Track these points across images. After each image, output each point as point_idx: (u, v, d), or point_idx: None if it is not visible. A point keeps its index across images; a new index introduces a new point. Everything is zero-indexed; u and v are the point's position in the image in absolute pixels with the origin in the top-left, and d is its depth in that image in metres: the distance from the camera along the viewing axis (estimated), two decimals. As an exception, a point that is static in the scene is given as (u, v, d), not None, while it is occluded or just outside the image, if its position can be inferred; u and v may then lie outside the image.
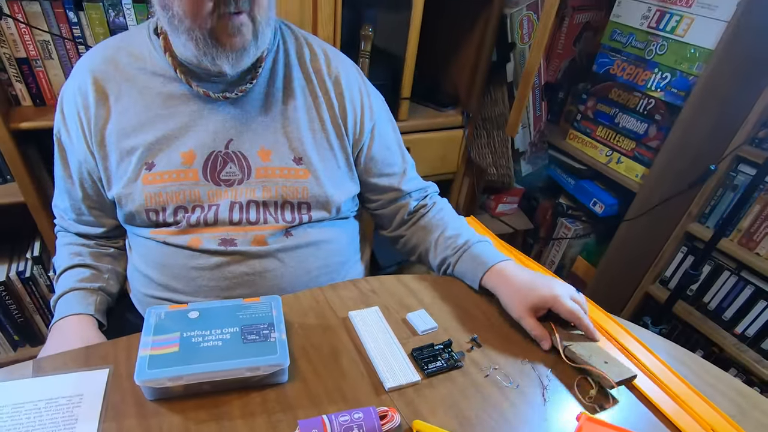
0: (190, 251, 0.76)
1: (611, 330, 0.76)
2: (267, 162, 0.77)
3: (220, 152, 0.75)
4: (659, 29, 1.28)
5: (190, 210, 0.76)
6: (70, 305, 0.79)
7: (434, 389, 0.64)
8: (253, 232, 0.77)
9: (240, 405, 0.60)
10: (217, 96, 0.74)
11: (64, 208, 0.85)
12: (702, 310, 1.53)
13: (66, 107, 0.76)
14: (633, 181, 1.42)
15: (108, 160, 0.75)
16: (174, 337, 0.62)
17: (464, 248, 0.83)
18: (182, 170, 0.74)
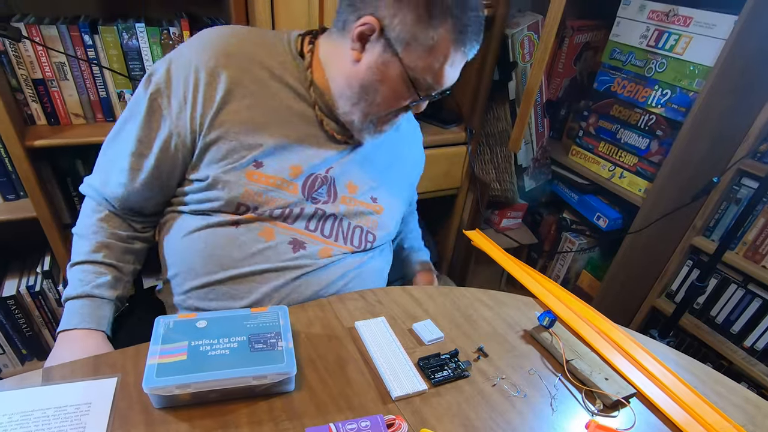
0: (257, 241, 0.77)
1: (619, 340, 0.76)
2: (352, 194, 0.85)
3: (319, 174, 0.81)
4: (658, 48, 1.30)
5: (277, 209, 0.78)
6: (83, 317, 0.76)
7: (441, 398, 0.64)
8: (324, 244, 0.81)
9: (247, 413, 0.60)
10: (339, 138, 0.82)
11: (121, 168, 0.79)
12: (710, 323, 1.52)
13: (178, 75, 0.74)
14: (636, 195, 1.43)
15: (219, 144, 0.75)
16: (182, 345, 0.63)
17: None
18: (286, 180, 0.78)
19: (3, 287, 1.33)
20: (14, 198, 1.24)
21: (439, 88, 0.75)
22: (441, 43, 0.69)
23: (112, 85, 1.21)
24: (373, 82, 0.73)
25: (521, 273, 0.90)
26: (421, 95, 0.75)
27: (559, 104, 1.71)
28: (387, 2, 0.68)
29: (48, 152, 1.20)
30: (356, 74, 0.74)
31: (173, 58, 0.76)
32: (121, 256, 0.83)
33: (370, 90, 0.74)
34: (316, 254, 0.80)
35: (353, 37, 0.72)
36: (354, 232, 0.85)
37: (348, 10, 0.73)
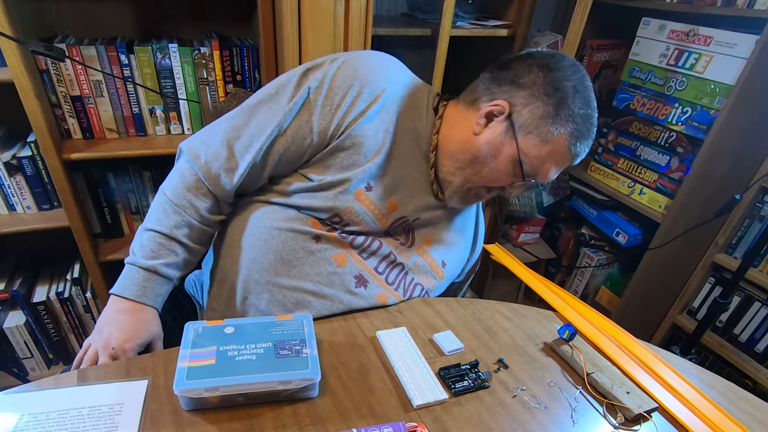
0: (328, 263, 0.81)
1: (640, 354, 0.76)
2: (427, 247, 0.89)
3: (407, 220, 0.86)
4: (678, 66, 1.31)
5: (359, 236, 0.82)
6: (145, 291, 0.76)
7: (462, 407, 0.65)
8: (383, 290, 0.84)
9: (272, 417, 0.62)
10: (441, 196, 0.87)
11: (246, 145, 0.79)
12: (733, 341, 1.49)
13: (342, 80, 0.78)
14: (656, 211, 1.43)
15: (346, 150, 0.79)
16: (211, 350, 0.65)
17: None
18: (382, 213, 0.82)
19: (34, 293, 1.38)
20: (49, 208, 1.29)
21: (539, 180, 0.80)
22: (558, 141, 0.75)
23: (144, 102, 1.26)
24: (487, 156, 0.79)
25: (541, 287, 0.91)
26: (524, 180, 0.79)
27: (577, 121, 1.72)
28: (523, 94, 0.76)
29: (82, 165, 1.25)
30: (473, 144, 0.80)
31: (344, 63, 0.79)
32: (198, 239, 0.82)
33: (481, 161, 0.80)
34: (374, 297, 0.83)
35: (482, 113, 0.79)
36: (414, 288, 0.87)
37: (484, 92, 0.81)
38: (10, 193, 1.24)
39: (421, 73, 1.32)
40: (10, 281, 1.36)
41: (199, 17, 1.34)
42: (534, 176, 0.80)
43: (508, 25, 1.34)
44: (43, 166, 1.21)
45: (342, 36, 1.15)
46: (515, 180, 0.80)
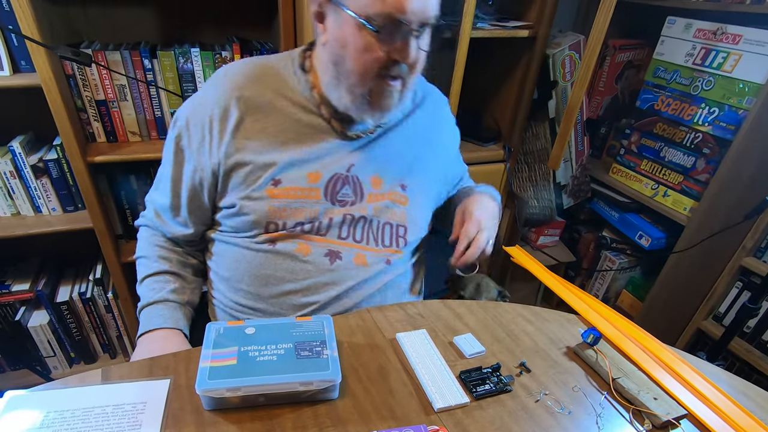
0: (293, 262, 0.81)
1: (667, 360, 0.74)
2: (377, 189, 0.84)
3: (341, 175, 0.82)
4: (705, 66, 1.28)
5: (307, 223, 0.81)
6: (163, 318, 0.82)
7: (484, 411, 0.64)
8: (357, 250, 0.83)
9: (292, 418, 0.62)
10: (351, 134, 0.82)
11: (163, 205, 0.88)
12: (762, 348, 1.45)
13: (195, 115, 0.81)
14: (681, 214, 1.39)
15: (237, 171, 0.80)
16: (232, 350, 0.65)
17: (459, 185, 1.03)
18: (306, 188, 0.80)
19: (57, 293, 1.41)
20: (73, 210, 1.32)
21: (402, 16, 0.66)
22: None
23: (166, 105, 1.28)
24: (339, 51, 0.72)
25: (562, 289, 0.89)
26: (382, 33, 0.68)
27: (599, 123, 1.70)
28: None
29: (105, 167, 1.27)
30: (326, 55, 0.74)
31: (192, 101, 0.83)
32: (182, 268, 0.90)
33: (340, 61, 0.72)
34: (351, 263, 0.82)
35: (315, 23, 0.75)
36: (384, 230, 0.85)
37: (311, 7, 0.74)
38: (36, 195, 1.27)
39: (441, 75, 1.32)
40: (35, 281, 1.39)
41: (220, 22, 1.36)
42: (391, 19, 0.67)
43: (529, 26, 1.33)
44: (68, 168, 1.24)
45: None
46: (382, 45, 0.68)
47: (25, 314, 1.38)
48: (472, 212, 0.86)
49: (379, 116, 0.79)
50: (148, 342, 0.80)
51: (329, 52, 0.74)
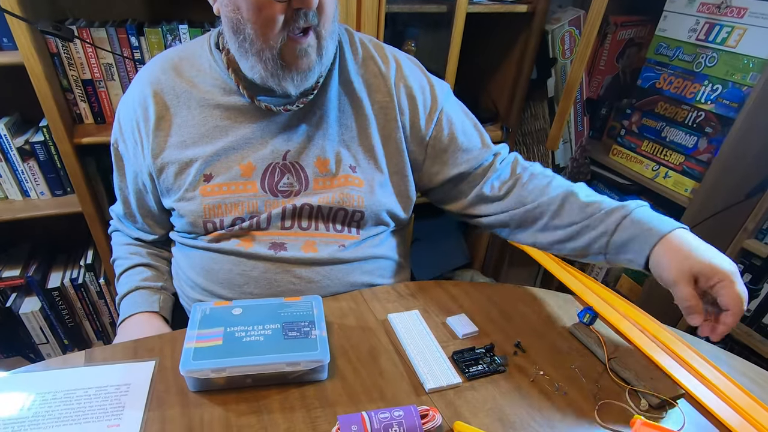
0: (238, 257, 0.77)
1: (665, 340, 0.72)
2: (325, 172, 0.77)
3: (278, 164, 0.76)
4: (709, 41, 1.25)
5: (248, 220, 0.76)
6: (137, 304, 0.81)
7: (476, 392, 0.62)
8: (305, 238, 0.78)
9: (280, 399, 0.60)
10: (278, 109, 0.74)
11: (119, 214, 0.89)
12: (762, 332, 1.43)
13: (124, 118, 0.79)
14: (682, 195, 1.37)
15: (166, 171, 0.76)
16: (218, 331, 0.64)
17: (622, 214, 0.70)
18: (241, 182, 0.75)
19: (49, 279, 1.39)
20: (62, 194, 1.29)
21: None
22: None
23: (155, 85, 1.25)
24: (234, 16, 0.65)
25: (561, 270, 0.87)
26: None
27: (600, 103, 1.66)
28: None
29: (93, 150, 1.25)
30: (226, 24, 0.67)
31: (121, 104, 0.80)
32: (155, 259, 0.89)
33: (239, 27, 0.65)
34: (300, 251, 0.77)
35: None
36: (336, 215, 0.78)
37: None
38: (24, 179, 1.24)
39: (437, 52, 1.28)
40: (26, 267, 1.37)
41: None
42: None
43: (527, 1, 1.29)
44: (56, 151, 1.21)
45: (355, 14, 1.12)
46: None
47: (16, 301, 1.36)
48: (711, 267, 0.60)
49: (299, 80, 0.69)
50: (124, 329, 0.79)
51: (226, 19, 0.66)
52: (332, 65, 0.77)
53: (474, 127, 0.85)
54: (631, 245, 0.68)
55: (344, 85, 0.78)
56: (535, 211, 0.79)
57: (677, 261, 0.62)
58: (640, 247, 0.67)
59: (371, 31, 1.14)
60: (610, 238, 0.71)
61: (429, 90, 0.82)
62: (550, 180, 0.81)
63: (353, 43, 0.80)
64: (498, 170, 0.83)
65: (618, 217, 0.70)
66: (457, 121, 0.83)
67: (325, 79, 0.76)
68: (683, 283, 0.61)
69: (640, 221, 0.68)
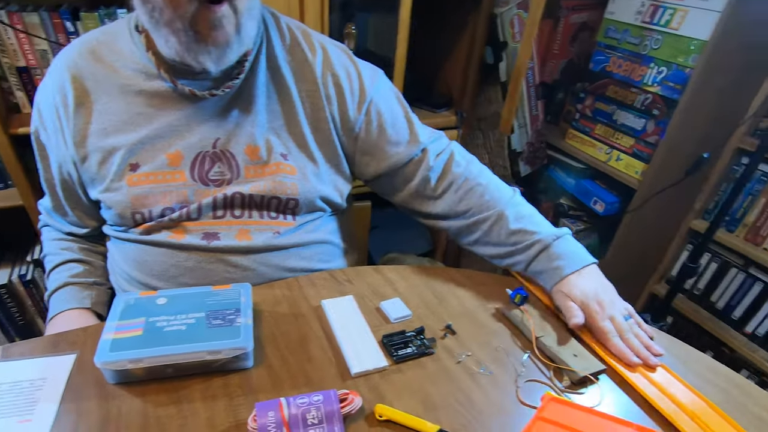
0: (170, 249, 0.75)
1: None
2: (256, 160, 0.75)
3: (207, 152, 0.73)
4: (653, 23, 1.26)
5: (177, 210, 0.74)
6: (65, 300, 0.79)
7: (402, 375, 0.62)
8: (238, 226, 0.76)
9: (201, 389, 0.59)
10: (203, 94, 0.71)
11: (47, 208, 0.86)
12: (710, 309, 1.48)
13: (43, 106, 0.75)
14: (633, 177, 1.39)
15: (89, 160, 0.73)
16: (139, 321, 0.62)
17: (539, 249, 0.76)
18: (169, 172, 0.73)
19: (-4, 276, 1.34)
20: (3, 187, 1.25)
21: None
22: None
23: (96, 72, 1.21)
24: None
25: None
26: None
27: (555, 87, 1.67)
28: None
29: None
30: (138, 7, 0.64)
31: (39, 91, 0.77)
32: (87, 254, 0.86)
33: (151, 4, 0.62)
34: (233, 239, 0.75)
35: None
36: (269, 203, 0.77)
37: None
38: (-39, 172, 1.20)
39: (386, 34, 1.27)
40: (-30, 264, 1.33)
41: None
42: None
43: (476, -16, 1.28)
44: (-7, 142, 1.17)
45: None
46: None
47: (-39, 298, 1.31)
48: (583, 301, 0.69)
49: (217, 55, 0.66)
50: (54, 326, 0.77)
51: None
52: (259, 50, 0.75)
53: (404, 117, 0.84)
54: (541, 277, 0.77)
55: (272, 72, 0.76)
56: (470, 228, 0.83)
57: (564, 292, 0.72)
58: (545, 281, 0.76)
59: (315, 14, 1.11)
60: (527, 267, 0.78)
61: (357, 79, 0.80)
62: (483, 191, 0.82)
63: (280, 29, 0.78)
64: (432, 167, 0.82)
65: (536, 250, 0.76)
66: (387, 112, 0.82)
67: (252, 65, 0.74)
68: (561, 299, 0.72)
69: (552, 257, 0.75)
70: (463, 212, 0.82)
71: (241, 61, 0.72)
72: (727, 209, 1.09)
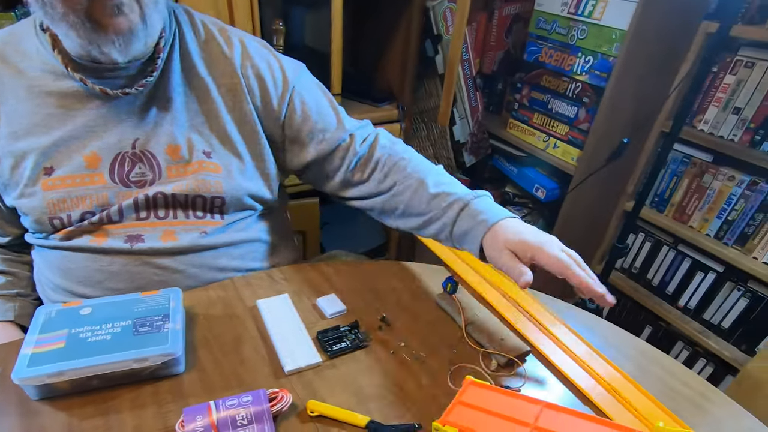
0: (93, 254, 0.73)
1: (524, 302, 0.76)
2: (177, 159, 0.74)
3: (127, 153, 0.71)
4: (578, 14, 1.31)
5: (98, 213, 0.72)
6: None
7: (336, 370, 0.63)
8: (163, 227, 0.74)
9: (130, 398, 0.58)
10: (115, 93, 0.69)
11: None
12: (647, 286, 1.56)
13: None
14: (569, 164, 1.45)
15: (0, 165, 0.70)
16: (61, 334, 0.61)
17: (460, 206, 0.73)
18: (87, 174, 0.70)
19: None
20: None
21: None
22: None
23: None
24: None
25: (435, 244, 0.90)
26: None
27: (495, 78, 1.72)
28: None
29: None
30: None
31: None
32: (10, 265, 0.82)
33: None
34: (158, 241, 0.74)
35: None
36: (194, 202, 0.75)
37: None
38: None
39: (320, 33, 1.26)
40: None
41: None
42: None
43: (408, -22, 1.29)
44: None
45: (227, -7, 1.07)
46: None
47: None
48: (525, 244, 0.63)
49: (122, 44, 0.63)
50: None
51: None
52: (172, 47, 0.73)
53: (330, 106, 0.84)
54: (468, 237, 0.71)
55: (187, 69, 0.74)
56: (392, 201, 0.80)
57: (499, 242, 0.65)
58: (474, 238, 0.69)
59: (245, 10, 1.10)
60: (452, 230, 0.73)
61: (279, 69, 0.80)
62: (406, 165, 0.81)
63: (194, 25, 0.77)
64: (359, 152, 0.83)
65: (456, 209, 0.73)
66: (311, 100, 0.82)
67: (167, 62, 0.72)
68: (504, 257, 0.64)
69: (474, 213, 0.71)
70: (387, 188, 0.81)
71: (154, 58, 0.70)
72: (649, 191, 1.15)
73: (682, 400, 0.63)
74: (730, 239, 1.32)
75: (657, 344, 0.74)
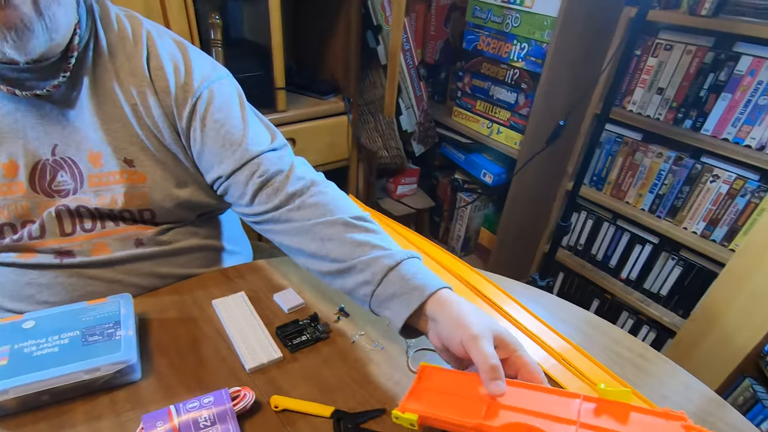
0: (20, 269, 0.68)
1: (477, 284, 0.79)
2: (99, 168, 0.68)
3: (47, 160, 0.67)
4: (511, 2, 1.36)
5: (20, 226, 0.67)
6: None
7: (298, 363, 0.64)
8: (93, 240, 0.70)
9: (85, 411, 0.56)
10: (24, 94, 0.64)
11: None
12: (592, 261, 1.65)
13: None
14: (512, 148, 1.50)
15: None
16: (3, 350, 0.57)
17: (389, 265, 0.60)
18: (5, 183, 0.66)
19: None
20: None
21: None
22: None
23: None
24: None
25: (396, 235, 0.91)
26: None
27: (438, 67, 1.75)
28: None
29: None
30: None
31: None
32: None
33: None
34: (90, 255, 0.70)
35: None
36: (121, 215, 0.71)
37: None
38: None
39: (260, 27, 1.24)
40: None
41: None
42: None
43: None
44: None
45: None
46: None
47: None
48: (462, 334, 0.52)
49: (15, 39, 0.58)
50: None
51: None
52: (85, 48, 0.67)
53: (241, 119, 0.73)
54: (395, 302, 0.59)
55: (101, 71, 0.69)
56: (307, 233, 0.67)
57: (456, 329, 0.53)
58: (403, 307, 0.58)
59: (179, 3, 1.06)
60: (375, 289, 0.60)
61: (185, 74, 0.72)
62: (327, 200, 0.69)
63: (108, 20, 0.71)
64: (266, 176, 0.70)
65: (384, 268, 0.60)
66: (218, 113, 0.72)
67: (81, 62, 0.67)
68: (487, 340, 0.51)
69: (404, 277, 0.59)
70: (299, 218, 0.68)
71: (67, 57, 0.65)
72: (586, 170, 1.21)
73: (626, 364, 0.68)
74: (663, 212, 1.42)
75: (604, 315, 0.79)
